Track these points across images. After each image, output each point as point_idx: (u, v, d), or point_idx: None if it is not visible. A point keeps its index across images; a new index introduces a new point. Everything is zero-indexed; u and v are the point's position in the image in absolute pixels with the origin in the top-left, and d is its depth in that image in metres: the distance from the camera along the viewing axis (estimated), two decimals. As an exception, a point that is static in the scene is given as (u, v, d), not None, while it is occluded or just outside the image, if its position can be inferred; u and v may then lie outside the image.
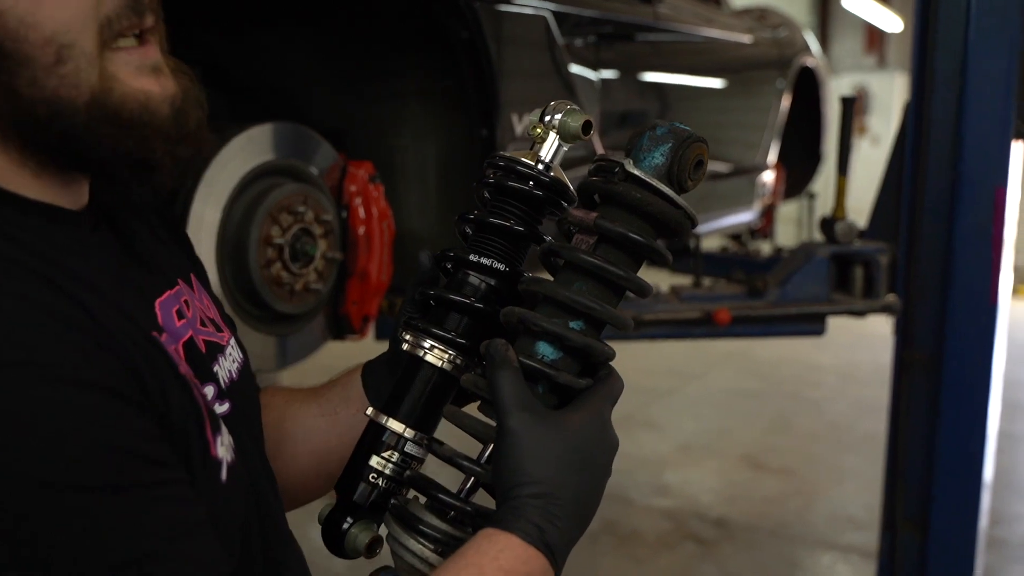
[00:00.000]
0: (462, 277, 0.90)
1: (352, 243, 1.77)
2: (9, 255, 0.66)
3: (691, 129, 0.84)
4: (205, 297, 0.90)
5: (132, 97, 0.72)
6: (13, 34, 0.67)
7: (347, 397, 1.00)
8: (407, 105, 2.05)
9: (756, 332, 2.46)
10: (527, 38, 2.08)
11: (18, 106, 0.69)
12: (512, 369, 0.79)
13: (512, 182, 0.88)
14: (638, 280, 0.83)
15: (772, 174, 3.84)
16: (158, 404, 0.69)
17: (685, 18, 3.07)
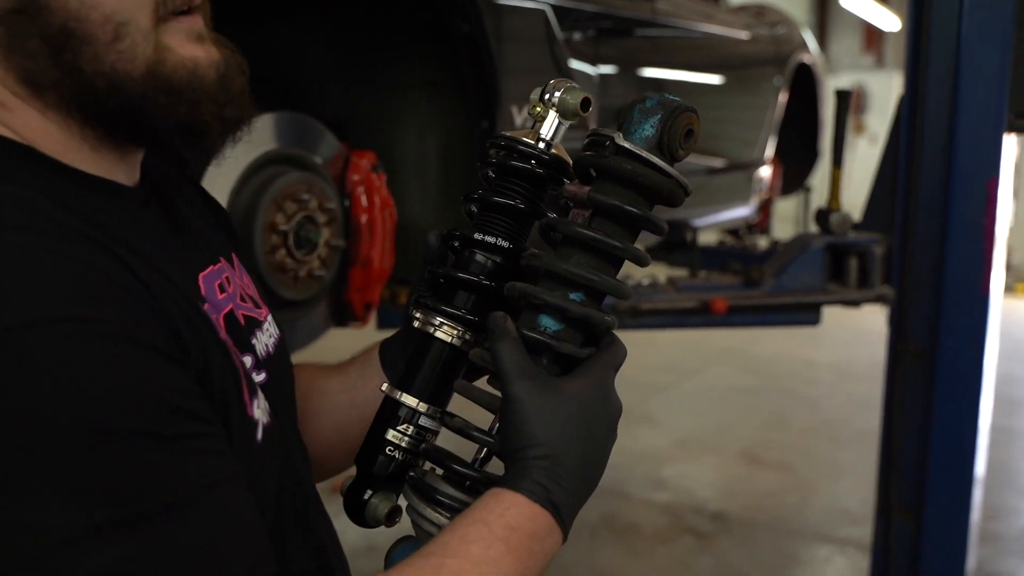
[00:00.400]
0: (469, 255, 0.93)
1: (355, 231, 1.80)
2: (66, 222, 0.70)
3: (680, 100, 0.85)
4: (245, 276, 0.94)
5: (181, 65, 0.76)
6: (76, 14, 0.72)
7: (365, 373, 1.04)
8: (409, 96, 2.08)
9: (752, 321, 2.49)
10: (526, 32, 2.11)
11: (81, 81, 0.74)
12: (511, 339, 0.82)
13: (514, 161, 0.91)
14: (634, 250, 0.86)
15: (769, 170, 3.87)
16: (199, 364, 0.73)
17: (683, 14, 3.10)
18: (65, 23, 0.72)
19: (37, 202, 0.70)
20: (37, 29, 0.72)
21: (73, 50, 0.73)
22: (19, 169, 0.73)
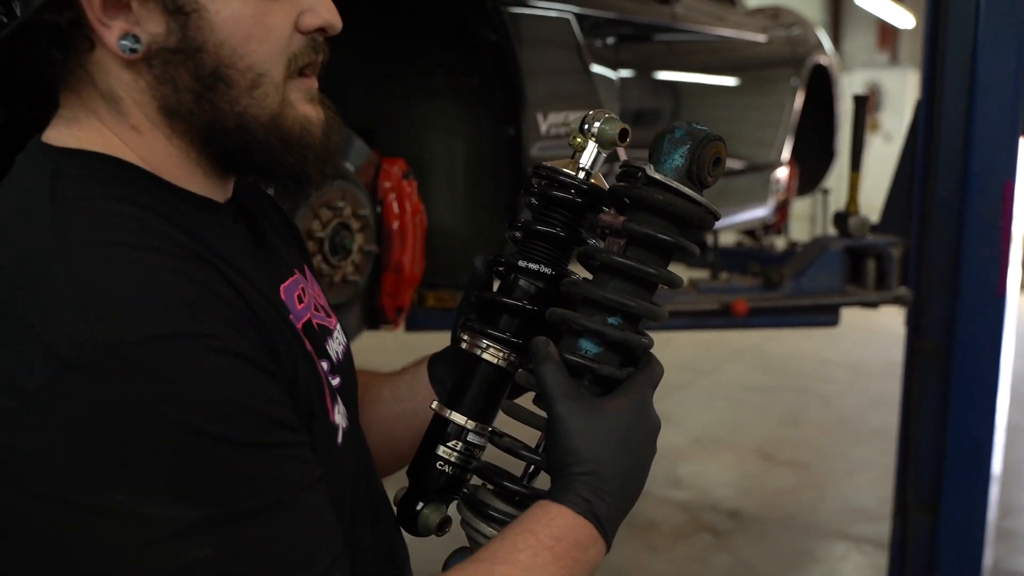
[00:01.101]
0: (513, 280, 0.98)
1: (387, 237, 1.85)
2: (177, 240, 0.78)
3: (707, 129, 0.90)
4: (316, 286, 1.01)
5: (297, 120, 0.86)
6: (226, 61, 0.81)
7: (414, 387, 1.10)
8: (436, 103, 2.13)
9: (772, 323, 2.53)
10: (551, 40, 2.16)
11: (215, 117, 0.83)
12: (553, 362, 0.88)
13: (555, 191, 0.97)
14: (667, 274, 0.91)
15: (786, 171, 3.91)
16: (290, 375, 0.80)
17: (701, 18, 3.14)
18: (216, 67, 0.81)
19: (152, 222, 0.78)
20: (190, 68, 0.81)
21: (216, 89, 0.82)
22: (137, 191, 0.81)
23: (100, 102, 0.83)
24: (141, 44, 0.80)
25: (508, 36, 1.94)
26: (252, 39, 0.81)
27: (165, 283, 0.73)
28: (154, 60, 0.81)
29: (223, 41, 0.81)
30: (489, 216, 2.12)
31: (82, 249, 0.73)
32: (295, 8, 0.84)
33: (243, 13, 0.81)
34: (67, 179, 0.79)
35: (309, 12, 0.85)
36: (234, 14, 0.80)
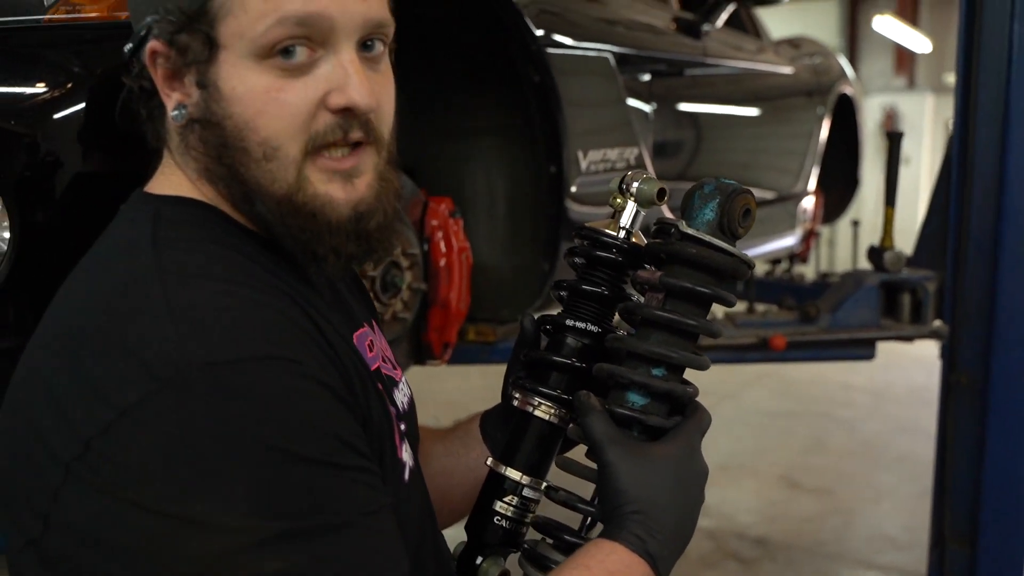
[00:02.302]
0: (561, 339, 1.03)
1: (434, 274, 1.88)
2: (262, 276, 0.84)
3: (735, 182, 0.94)
4: (383, 340, 1.06)
5: (315, 198, 0.87)
6: (239, 133, 0.86)
7: (467, 443, 1.15)
8: (478, 141, 2.16)
9: (809, 357, 2.55)
10: (592, 79, 2.19)
11: (238, 183, 0.88)
12: (597, 412, 0.91)
13: (598, 252, 1.01)
14: (707, 325, 0.94)
15: (812, 200, 3.93)
16: (363, 409, 0.85)
17: (731, 52, 3.18)
18: (232, 139, 0.86)
19: (241, 261, 0.84)
20: (213, 136, 0.86)
21: (233, 159, 0.86)
22: (227, 234, 0.88)
23: (179, 157, 0.91)
24: (185, 113, 0.87)
25: (551, 76, 1.97)
26: (264, 114, 0.85)
27: (254, 312, 0.79)
28: (193, 128, 0.87)
29: (237, 115, 0.85)
30: (530, 252, 2.15)
31: (179, 280, 0.79)
32: (322, 85, 0.85)
33: (256, 89, 0.84)
34: (166, 222, 0.86)
35: (336, 91, 0.86)
36: (248, 90, 0.84)
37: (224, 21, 0.83)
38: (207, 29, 0.84)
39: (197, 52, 0.84)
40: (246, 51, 0.84)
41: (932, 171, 10.81)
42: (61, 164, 1.18)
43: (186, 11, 0.84)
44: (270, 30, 0.82)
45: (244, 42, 0.83)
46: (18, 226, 1.16)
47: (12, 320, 1.20)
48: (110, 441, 0.73)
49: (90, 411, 0.74)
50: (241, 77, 0.84)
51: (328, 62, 0.85)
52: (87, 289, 0.84)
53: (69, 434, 0.74)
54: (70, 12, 1.23)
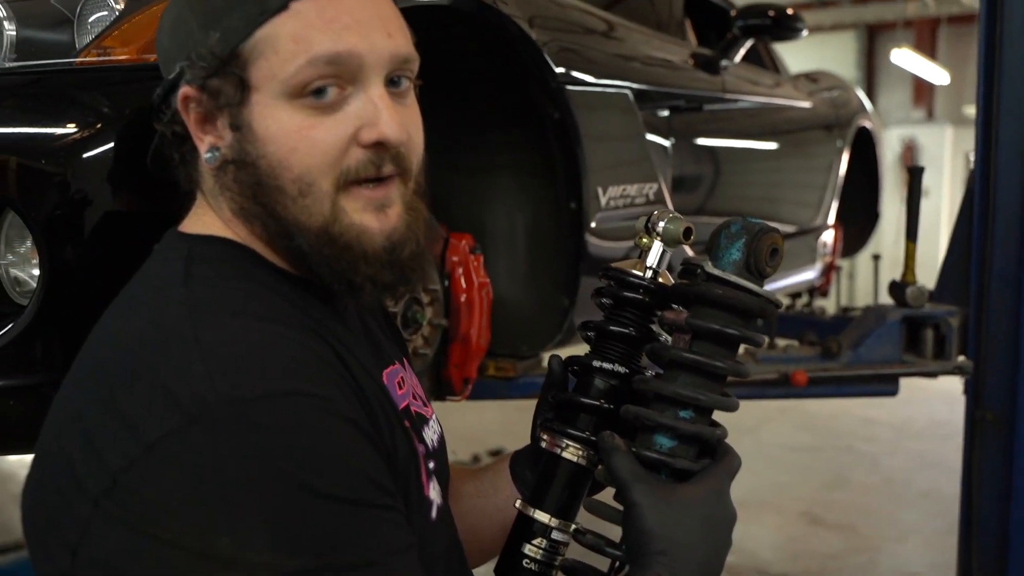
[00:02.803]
0: (588, 380, 1.02)
1: (454, 310, 1.89)
2: (291, 313, 0.85)
3: (762, 222, 0.93)
4: (414, 377, 1.06)
5: (350, 229, 0.89)
6: (273, 171, 0.87)
7: (496, 483, 1.15)
8: (498, 177, 2.18)
9: (831, 393, 2.53)
10: (611, 116, 2.21)
11: (274, 221, 0.89)
12: (621, 451, 0.91)
13: (625, 292, 1.01)
14: (735, 366, 0.93)
15: (832, 233, 3.92)
16: (388, 446, 0.86)
17: (750, 87, 3.20)
18: (266, 178, 0.87)
19: (271, 298, 0.85)
20: (247, 176, 0.88)
21: (269, 196, 0.88)
22: (259, 272, 0.89)
23: (212, 198, 0.92)
24: (219, 156, 0.89)
25: (571, 113, 1.98)
26: (296, 152, 0.86)
27: (282, 348, 0.79)
28: (227, 170, 0.89)
29: (270, 154, 0.86)
30: (550, 287, 2.15)
31: (209, 317, 0.80)
32: (353, 121, 0.87)
33: (288, 128, 0.86)
34: (199, 260, 0.88)
35: (367, 127, 0.87)
36: (281, 129, 0.86)
37: (256, 63, 0.85)
38: (239, 72, 0.86)
39: (230, 95, 0.86)
40: (278, 92, 0.85)
41: (952, 204, 10.76)
42: (90, 203, 1.20)
43: (218, 55, 0.86)
44: (301, 71, 0.84)
45: (276, 83, 0.85)
46: (48, 263, 1.17)
47: (40, 356, 1.22)
48: (136, 476, 0.73)
49: (118, 446, 0.75)
50: (274, 117, 0.86)
51: (358, 98, 0.87)
52: (120, 325, 0.85)
53: (98, 468, 0.75)
54: (101, 55, 1.25)
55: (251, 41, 0.85)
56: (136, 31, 1.26)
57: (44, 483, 0.82)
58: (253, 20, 0.85)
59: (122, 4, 1.28)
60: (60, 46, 1.28)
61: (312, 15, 0.85)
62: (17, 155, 1.19)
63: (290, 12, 0.85)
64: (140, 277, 0.91)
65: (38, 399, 1.20)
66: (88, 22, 1.28)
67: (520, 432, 1.18)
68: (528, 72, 1.95)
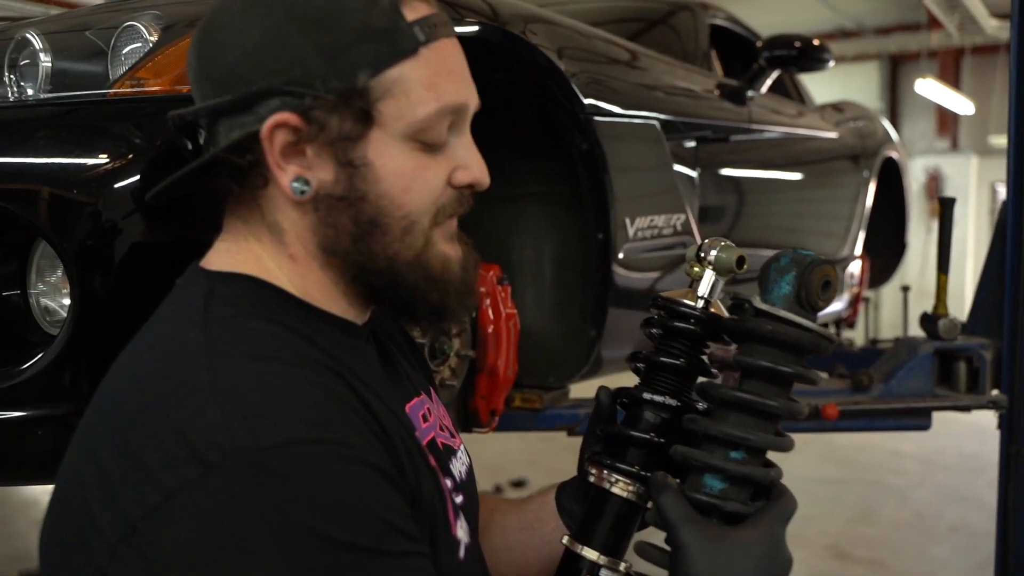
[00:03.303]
0: (638, 413, 0.99)
1: (481, 341, 1.87)
2: (311, 355, 0.84)
3: (813, 254, 0.90)
4: (441, 408, 1.05)
5: (438, 258, 0.91)
6: (385, 211, 0.88)
7: (542, 516, 1.11)
8: (526, 207, 2.17)
9: (863, 427, 2.48)
10: (639, 147, 2.20)
11: (368, 258, 0.89)
12: (671, 491, 0.88)
13: (675, 322, 0.98)
14: (787, 405, 0.89)
15: (859, 264, 3.88)
16: (412, 487, 0.84)
17: (775, 118, 3.18)
18: (375, 215, 0.87)
19: (291, 339, 0.84)
20: (351, 214, 0.87)
21: (371, 234, 0.88)
22: (281, 311, 0.87)
23: (264, 230, 0.90)
24: (310, 188, 0.87)
25: (599, 144, 1.98)
26: (409, 191, 0.87)
27: (300, 393, 0.78)
28: (320, 204, 0.87)
29: (384, 192, 0.87)
30: (577, 318, 2.14)
31: (226, 361, 0.79)
32: (450, 164, 0.90)
33: (405, 168, 0.87)
34: (219, 299, 0.86)
35: (462, 169, 0.91)
36: (397, 168, 0.87)
37: (383, 102, 0.85)
38: (366, 107, 0.85)
39: (347, 129, 0.85)
40: (400, 133, 0.86)
41: (978, 234, 10.67)
42: (120, 233, 1.20)
43: (344, 88, 0.84)
44: (430, 117, 0.87)
45: (402, 124, 0.86)
46: (78, 293, 1.17)
47: (68, 386, 1.21)
48: (156, 525, 0.72)
49: (137, 493, 0.74)
50: (392, 155, 0.86)
51: (452, 143, 0.91)
52: (137, 366, 0.84)
53: (117, 515, 0.74)
54: (135, 86, 1.26)
55: (380, 79, 0.85)
56: (169, 62, 1.27)
57: (62, 522, 0.81)
58: (385, 59, 0.85)
59: (156, 36, 1.28)
60: (94, 77, 1.29)
61: (438, 64, 0.88)
62: (49, 185, 1.20)
63: (419, 58, 0.86)
64: (160, 315, 0.90)
65: (65, 429, 1.20)
66: (122, 54, 1.29)
67: (543, 462, 1.16)
68: (556, 103, 1.95)
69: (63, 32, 1.37)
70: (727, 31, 3.41)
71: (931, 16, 10.14)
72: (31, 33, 1.31)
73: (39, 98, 1.29)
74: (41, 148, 1.24)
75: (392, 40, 0.85)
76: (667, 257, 2.28)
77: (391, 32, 0.85)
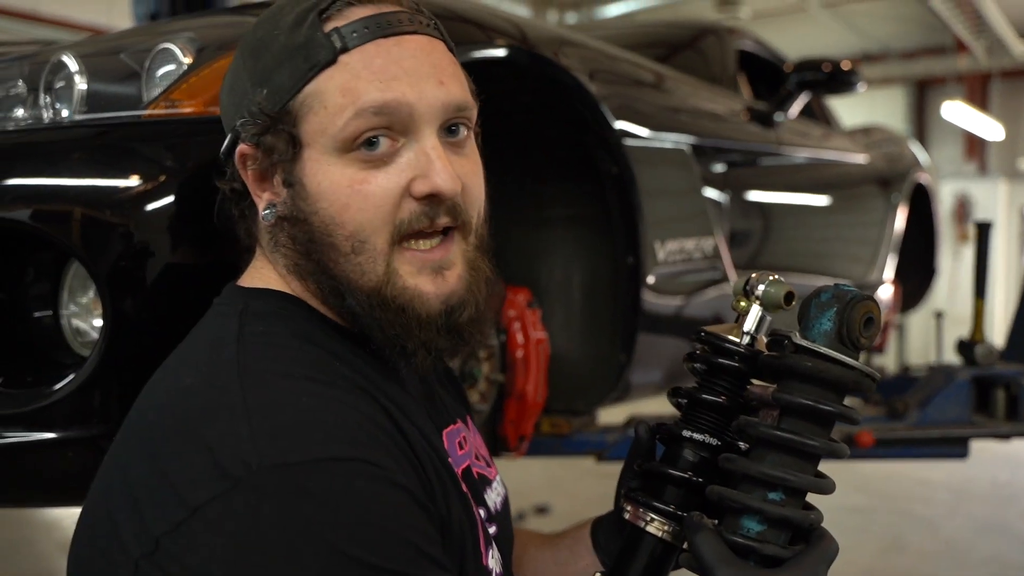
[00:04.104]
0: (677, 450, 0.96)
1: (511, 365, 1.86)
2: (344, 373, 0.82)
3: (856, 289, 0.87)
4: (478, 437, 1.02)
5: (404, 292, 0.86)
6: (326, 228, 0.85)
7: (576, 551, 1.09)
8: (555, 231, 2.16)
9: (898, 454, 2.44)
10: (669, 170, 2.19)
11: (328, 278, 0.87)
12: (708, 532, 0.84)
13: (719, 359, 0.95)
14: (827, 445, 0.86)
15: (890, 289, 3.84)
16: (443, 513, 0.82)
17: (804, 141, 3.16)
18: (319, 233, 0.85)
19: (323, 358, 0.82)
20: (303, 234, 0.86)
21: (322, 254, 0.86)
22: (314, 330, 0.86)
23: (270, 255, 0.91)
24: (274, 212, 0.88)
25: (629, 168, 1.97)
26: (349, 208, 0.84)
27: (330, 412, 0.77)
28: (282, 226, 0.88)
29: (323, 210, 0.85)
30: (606, 343, 2.12)
31: (257, 378, 0.78)
32: (407, 174, 0.85)
33: (340, 183, 0.84)
34: (253, 316, 0.86)
35: (420, 178, 0.85)
36: (331, 185, 0.85)
37: (306, 119, 0.85)
38: (290, 128, 0.85)
39: (282, 151, 0.85)
40: (329, 146, 0.84)
41: (1008, 259, 10.55)
42: (152, 254, 1.19)
43: (268, 112, 0.85)
44: (349, 123, 0.83)
45: (326, 138, 0.84)
46: (111, 314, 1.17)
47: (98, 408, 1.21)
48: (179, 541, 0.71)
49: (162, 509, 0.73)
50: (324, 172, 0.84)
51: (410, 149, 0.85)
52: (172, 383, 0.84)
53: (141, 530, 0.73)
54: (168, 108, 1.26)
55: (300, 97, 0.85)
56: (203, 84, 1.27)
57: (89, 541, 0.80)
58: (302, 76, 0.84)
59: (190, 58, 1.28)
60: (128, 99, 1.30)
61: (359, 67, 0.84)
62: (83, 206, 1.20)
63: (338, 65, 0.84)
64: (196, 332, 0.90)
65: (95, 451, 1.19)
66: (156, 75, 1.30)
67: (565, 488, 1.14)
68: (586, 126, 1.94)
69: (98, 55, 1.37)
70: (754, 56, 3.41)
71: (958, 40, 10.08)
72: (67, 55, 1.32)
73: (74, 120, 1.30)
74: (75, 169, 1.25)
75: (307, 54, 0.84)
76: (697, 282, 2.26)
77: (306, 46, 0.84)
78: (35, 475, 1.26)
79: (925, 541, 5.52)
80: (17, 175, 1.24)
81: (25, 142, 1.29)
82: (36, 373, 1.26)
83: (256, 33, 0.89)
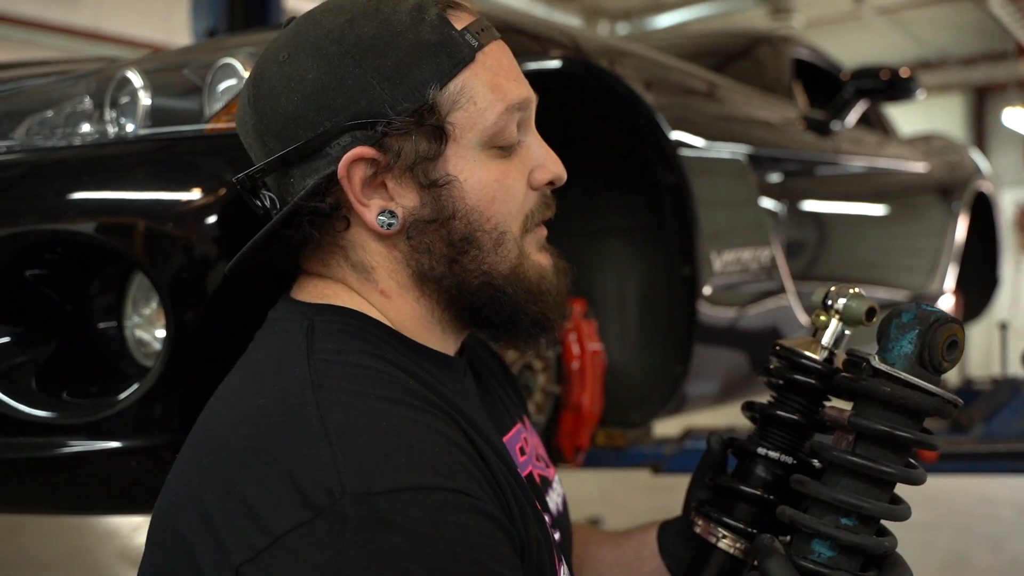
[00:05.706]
0: (750, 467, 0.95)
1: (566, 377, 1.85)
2: (419, 392, 0.81)
3: (939, 310, 0.84)
4: (535, 436, 1.02)
5: (534, 268, 0.89)
6: (476, 224, 0.85)
7: (641, 554, 1.08)
8: (610, 242, 2.14)
9: (963, 469, 2.37)
10: (725, 180, 2.16)
11: (462, 277, 0.87)
12: (778, 555, 0.82)
13: (796, 375, 0.93)
14: (903, 472, 0.83)
15: (951, 299, 3.75)
16: (521, 534, 0.80)
17: (862, 150, 3.11)
18: (467, 231, 0.85)
19: (398, 376, 0.81)
20: (443, 234, 0.85)
21: (463, 251, 0.86)
22: (384, 346, 0.85)
23: (349, 272, 0.88)
24: (397, 219, 0.85)
25: (685, 178, 1.95)
26: (496, 201, 0.85)
27: (412, 437, 0.75)
28: (411, 231, 0.85)
29: (472, 207, 0.85)
30: (661, 354, 2.10)
31: (336, 400, 0.76)
32: (527, 165, 0.88)
33: (488, 178, 0.85)
34: (321, 333, 0.84)
35: (539, 168, 0.89)
36: (480, 180, 0.85)
37: (453, 114, 0.84)
38: (438, 122, 0.83)
39: (424, 149, 0.83)
40: (475, 142, 0.85)
41: (1071, 269, 10.25)
42: (213, 267, 1.21)
43: (408, 110, 0.82)
44: (501, 118, 0.85)
45: (475, 133, 0.85)
46: (173, 325, 1.18)
47: (160, 418, 1.22)
48: (259, 570, 0.69)
49: (242, 536, 0.70)
50: (471, 168, 0.85)
51: (524, 143, 0.89)
52: (240, 403, 0.81)
53: (220, 558, 0.71)
54: (230, 121, 1.28)
55: (446, 92, 0.84)
56: (263, 98, 1.28)
57: (160, 565, 0.78)
58: (447, 71, 0.84)
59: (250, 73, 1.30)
60: (190, 113, 1.32)
61: (495, 65, 0.87)
62: (146, 219, 1.21)
63: (477, 63, 0.85)
64: (259, 349, 0.87)
65: (158, 461, 1.20)
66: (218, 90, 1.31)
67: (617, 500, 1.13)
68: (642, 136, 1.93)
69: (161, 70, 1.40)
70: (810, 64, 3.36)
71: (1019, 45, 9.85)
72: (132, 71, 1.34)
73: (138, 134, 1.32)
74: (139, 183, 1.27)
75: (449, 52, 0.84)
76: (753, 292, 2.22)
77: (446, 44, 0.84)
78: (99, 483, 1.27)
79: (989, 559, 5.37)
80: (84, 189, 1.26)
81: (91, 156, 1.32)
82: (100, 383, 1.28)
83: (362, 31, 0.83)
